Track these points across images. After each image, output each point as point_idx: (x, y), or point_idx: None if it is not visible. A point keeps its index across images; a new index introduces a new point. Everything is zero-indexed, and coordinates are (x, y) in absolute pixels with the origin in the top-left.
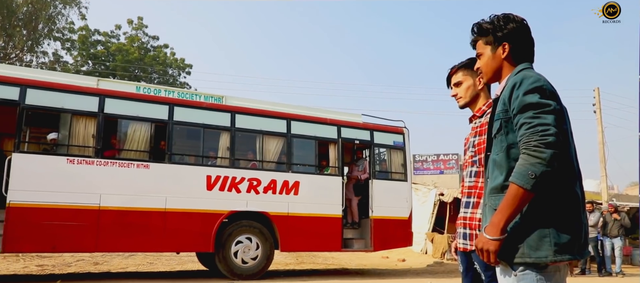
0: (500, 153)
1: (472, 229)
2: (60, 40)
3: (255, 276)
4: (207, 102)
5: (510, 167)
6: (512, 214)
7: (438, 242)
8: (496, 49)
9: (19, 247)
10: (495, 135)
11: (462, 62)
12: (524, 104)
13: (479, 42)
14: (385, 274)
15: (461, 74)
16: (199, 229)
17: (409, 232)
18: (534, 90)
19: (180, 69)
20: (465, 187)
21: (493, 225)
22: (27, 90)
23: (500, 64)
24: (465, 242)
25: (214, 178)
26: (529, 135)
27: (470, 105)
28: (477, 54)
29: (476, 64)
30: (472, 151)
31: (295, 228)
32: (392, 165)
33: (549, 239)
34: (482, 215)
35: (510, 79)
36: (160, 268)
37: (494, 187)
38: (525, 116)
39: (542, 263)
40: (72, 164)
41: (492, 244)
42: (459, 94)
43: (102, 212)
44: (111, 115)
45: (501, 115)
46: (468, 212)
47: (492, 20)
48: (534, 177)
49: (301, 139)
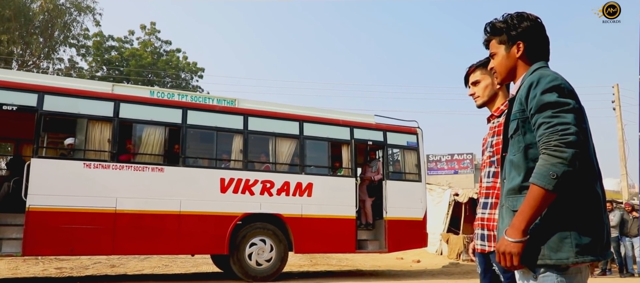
0: (518, 154)
1: (491, 230)
2: (76, 47)
3: (270, 278)
4: (220, 105)
5: (528, 168)
6: (534, 216)
7: (453, 243)
8: (510, 48)
9: (39, 250)
10: (512, 136)
11: (480, 61)
12: (542, 103)
13: (492, 41)
14: (400, 275)
15: (479, 73)
16: (214, 231)
17: (424, 233)
18: (551, 89)
19: (193, 73)
20: (483, 187)
21: (514, 228)
22: (45, 97)
23: (515, 63)
24: (483, 243)
25: (227, 180)
26: (548, 134)
27: (488, 105)
28: (490, 53)
29: (490, 63)
30: (490, 151)
31: (309, 230)
32: (405, 166)
33: (570, 240)
34: (499, 217)
35: (527, 78)
36: (176, 271)
37: (511, 188)
38: (544, 116)
39: (564, 264)
40: (88, 168)
41: (514, 247)
42: (477, 93)
43: (119, 215)
44: (126, 120)
45: (518, 115)
46: (486, 213)
47: (506, 19)
48: (555, 178)
49: (314, 140)
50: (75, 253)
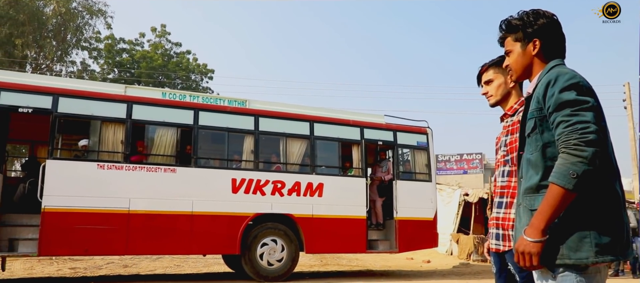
0: (535, 153)
1: (505, 229)
2: (88, 50)
3: (281, 278)
4: (231, 106)
5: (546, 167)
6: (553, 215)
7: (463, 243)
8: (526, 45)
9: (54, 251)
10: (529, 134)
11: (493, 60)
12: (561, 101)
13: (507, 39)
14: (410, 276)
15: (492, 72)
16: (225, 231)
17: (435, 233)
18: (570, 87)
19: (203, 74)
20: (498, 186)
21: (533, 227)
22: (59, 99)
23: (531, 60)
24: (498, 242)
25: (239, 181)
26: (567, 133)
27: (502, 104)
28: (505, 51)
29: (505, 61)
30: (504, 150)
31: (320, 230)
32: (416, 166)
33: (589, 240)
34: (516, 216)
35: (544, 76)
36: (187, 271)
37: (529, 187)
38: (563, 114)
39: (583, 264)
40: (102, 169)
41: (534, 246)
42: (490, 92)
43: (132, 215)
44: (139, 121)
45: (535, 114)
46: (501, 212)
47: (522, 16)
48: (575, 177)
49: (324, 140)
50: (90, 254)
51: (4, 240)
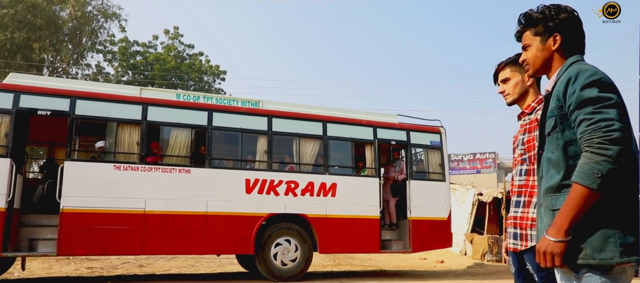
0: (557, 152)
1: (523, 229)
2: (103, 53)
3: (295, 278)
4: (245, 107)
5: (568, 166)
6: (577, 215)
7: (478, 243)
8: (546, 40)
9: (72, 250)
10: (550, 133)
11: (510, 58)
12: (583, 99)
13: (526, 33)
14: (424, 276)
15: (509, 70)
16: (240, 232)
17: (449, 232)
18: (591, 84)
19: (215, 76)
20: (515, 185)
21: (556, 227)
22: (77, 102)
23: (550, 55)
24: (516, 242)
25: (252, 181)
26: (590, 131)
27: (519, 102)
28: (523, 45)
29: (522, 55)
30: (521, 149)
31: (334, 230)
32: (429, 165)
33: (614, 239)
34: (537, 216)
35: (563, 73)
36: (202, 270)
37: (550, 186)
38: (585, 112)
39: (608, 264)
40: (118, 170)
41: (557, 247)
42: (507, 91)
43: (147, 216)
44: (154, 123)
45: (555, 112)
46: (519, 212)
47: (543, 10)
48: (600, 176)
49: (337, 141)
50: (106, 253)
51: (24, 240)
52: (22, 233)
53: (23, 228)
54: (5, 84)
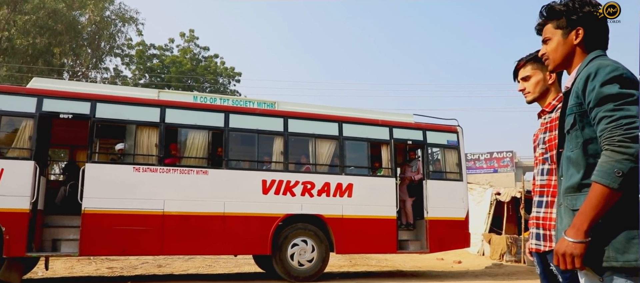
0: (576, 150)
1: (547, 229)
2: (120, 56)
3: (312, 278)
4: (261, 108)
5: (588, 164)
6: (597, 216)
7: (496, 243)
8: (568, 33)
9: (94, 250)
10: (569, 131)
11: (530, 55)
12: (602, 96)
13: (547, 26)
14: (442, 276)
15: (530, 68)
16: (257, 232)
17: (466, 233)
18: (612, 81)
19: (230, 77)
20: (537, 185)
21: (575, 228)
22: (97, 105)
23: (571, 50)
24: (539, 242)
25: (269, 182)
26: (611, 129)
27: (539, 100)
28: (543, 39)
29: (541, 49)
30: (542, 148)
31: (350, 231)
32: (446, 165)
33: (637, 240)
34: (557, 216)
35: (583, 69)
36: (219, 271)
37: (570, 186)
38: (605, 109)
39: (632, 266)
40: (137, 172)
41: (576, 248)
42: (527, 89)
43: (166, 217)
44: (171, 125)
45: (575, 109)
46: (541, 212)
47: (566, 3)
48: (621, 175)
49: (353, 141)
50: (127, 254)
51: (48, 241)
52: (45, 233)
53: (46, 229)
54: (29, 89)
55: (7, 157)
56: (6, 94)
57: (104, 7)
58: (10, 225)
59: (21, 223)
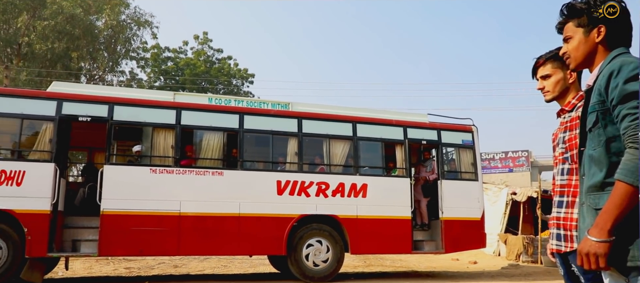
0: (598, 148)
1: (568, 230)
2: (136, 59)
3: (327, 278)
4: (275, 110)
5: (611, 163)
6: (621, 214)
7: (512, 244)
8: (590, 31)
9: (112, 251)
10: (591, 129)
11: (550, 53)
12: (626, 93)
13: (568, 24)
14: (457, 277)
15: (549, 66)
16: (272, 233)
17: (482, 233)
18: (636, 77)
19: (244, 79)
20: (557, 185)
21: (599, 227)
22: (115, 108)
23: (593, 48)
24: (560, 243)
25: (283, 183)
26: (635, 127)
27: (558, 99)
28: (564, 37)
29: (562, 48)
30: (562, 147)
31: (365, 231)
32: (461, 165)
33: None
34: (580, 216)
35: (606, 66)
36: (234, 271)
37: (592, 184)
38: (628, 106)
39: None
40: (154, 174)
41: (600, 247)
42: (547, 88)
43: (183, 217)
44: (187, 126)
45: (597, 107)
46: (562, 212)
47: (587, 0)
48: None
49: (367, 141)
50: (144, 254)
51: (67, 241)
52: (65, 234)
53: (66, 229)
54: (49, 92)
55: (29, 159)
56: (27, 97)
57: (119, 11)
58: (32, 226)
59: (42, 224)
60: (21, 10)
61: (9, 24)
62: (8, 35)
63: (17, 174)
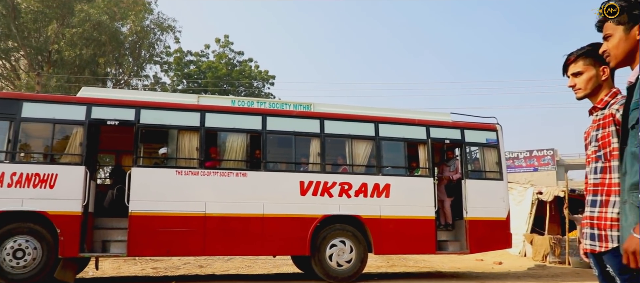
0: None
1: (602, 229)
2: (159, 64)
3: (351, 279)
4: (297, 111)
5: None
6: None
7: (538, 244)
8: (630, 29)
9: (141, 251)
10: (633, 127)
11: (582, 49)
12: None
13: (608, 22)
14: (482, 277)
15: (582, 64)
16: (295, 233)
17: (508, 233)
18: None
19: (264, 80)
20: (590, 184)
21: None
22: (141, 111)
23: (634, 46)
24: (594, 243)
25: (306, 183)
26: None
27: (590, 97)
28: (604, 35)
29: (602, 46)
30: (595, 146)
31: (388, 231)
32: (485, 164)
33: None
34: (622, 214)
35: None
36: (258, 271)
37: (635, 182)
38: None
39: None
40: (180, 175)
41: None
42: (578, 85)
43: (208, 218)
44: (211, 129)
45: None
46: (595, 211)
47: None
48: None
49: (390, 141)
50: (171, 254)
51: (98, 242)
52: (95, 235)
53: (96, 230)
54: (79, 97)
55: (61, 162)
56: (59, 103)
57: (144, 17)
58: (65, 227)
59: (74, 225)
60: (51, 19)
61: (40, 33)
62: (39, 43)
63: (50, 177)
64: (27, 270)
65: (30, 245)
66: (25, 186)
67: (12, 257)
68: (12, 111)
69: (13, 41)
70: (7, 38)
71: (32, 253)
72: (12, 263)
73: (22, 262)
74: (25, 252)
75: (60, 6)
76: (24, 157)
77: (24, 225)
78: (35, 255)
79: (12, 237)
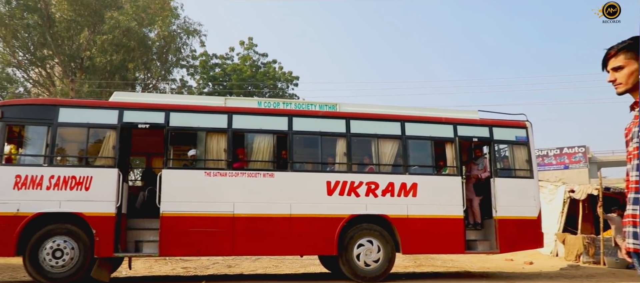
0: None
1: None
2: (186, 67)
3: (379, 278)
4: (323, 111)
5: None
6: None
7: (571, 244)
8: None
9: (172, 251)
10: None
11: (623, 43)
12: None
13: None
14: (513, 278)
15: (623, 58)
16: (322, 233)
17: (539, 232)
18: None
19: (288, 82)
20: (632, 181)
21: None
22: (170, 114)
23: None
24: (637, 241)
25: (333, 183)
26: None
27: (632, 92)
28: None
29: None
30: (637, 142)
31: (416, 231)
32: (515, 162)
33: None
34: None
35: None
36: (286, 271)
37: None
38: None
39: None
40: (208, 177)
41: None
42: (619, 80)
43: (236, 219)
44: (238, 130)
45: None
46: (637, 209)
47: None
48: None
49: (416, 140)
50: (201, 254)
51: (131, 242)
52: (129, 235)
53: (129, 231)
54: (111, 102)
55: (95, 165)
56: (92, 108)
57: (170, 22)
58: (100, 227)
59: (108, 226)
60: (83, 27)
61: (73, 41)
62: (72, 50)
63: (85, 179)
64: (65, 270)
65: (68, 245)
66: (63, 188)
67: (51, 257)
68: (49, 117)
69: (48, 49)
70: (42, 46)
71: (70, 253)
72: (52, 262)
73: (61, 261)
74: (64, 251)
75: (92, 14)
76: (61, 160)
77: (62, 226)
78: (72, 255)
79: (51, 237)
